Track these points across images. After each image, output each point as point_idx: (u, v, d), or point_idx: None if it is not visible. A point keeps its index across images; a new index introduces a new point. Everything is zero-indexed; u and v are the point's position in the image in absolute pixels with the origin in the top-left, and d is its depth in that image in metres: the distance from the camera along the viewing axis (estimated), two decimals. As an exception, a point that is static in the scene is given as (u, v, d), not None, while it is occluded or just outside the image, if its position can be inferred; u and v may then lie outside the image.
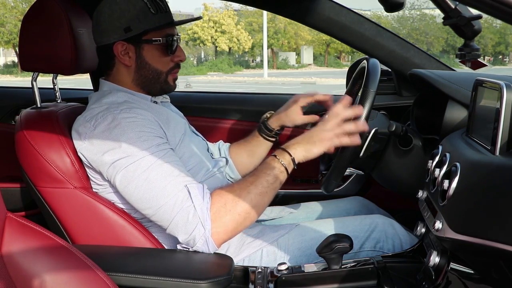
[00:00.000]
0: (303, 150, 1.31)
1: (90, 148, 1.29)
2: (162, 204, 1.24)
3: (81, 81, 3.13)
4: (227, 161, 1.65)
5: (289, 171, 1.31)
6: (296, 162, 1.30)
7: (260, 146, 1.66)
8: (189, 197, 1.23)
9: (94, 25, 1.41)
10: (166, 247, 1.36)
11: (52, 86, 1.66)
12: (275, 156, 1.31)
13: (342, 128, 1.28)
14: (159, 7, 1.38)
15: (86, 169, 1.35)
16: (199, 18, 1.73)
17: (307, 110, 2.12)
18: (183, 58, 1.47)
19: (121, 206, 1.36)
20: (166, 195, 1.23)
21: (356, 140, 1.28)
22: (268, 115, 1.65)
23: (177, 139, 1.41)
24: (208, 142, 1.65)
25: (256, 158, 1.66)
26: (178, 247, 1.28)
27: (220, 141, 1.74)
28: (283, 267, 1.27)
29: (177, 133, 1.42)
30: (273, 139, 1.65)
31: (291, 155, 1.30)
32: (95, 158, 1.29)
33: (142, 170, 1.24)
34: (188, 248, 1.26)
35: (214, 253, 1.25)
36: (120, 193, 1.30)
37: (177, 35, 1.44)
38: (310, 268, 1.28)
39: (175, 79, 1.49)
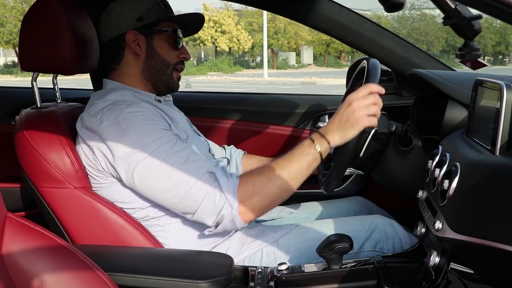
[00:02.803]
0: (340, 135, 1.28)
1: (98, 143, 1.29)
2: (186, 190, 1.24)
3: (81, 81, 3.13)
4: (228, 161, 1.66)
5: (324, 157, 1.30)
6: (334, 147, 1.29)
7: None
8: (215, 179, 1.25)
9: (104, 20, 1.46)
10: (166, 247, 1.36)
11: (52, 86, 1.66)
12: (313, 141, 1.29)
13: (370, 108, 1.27)
14: (166, 5, 1.47)
15: (89, 166, 1.35)
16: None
17: (306, 111, 2.13)
18: (188, 57, 1.53)
19: (123, 205, 1.36)
20: (190, 180, 1.24)
21: (376, 121, 1.28)
22: None
23: (183, 137, 1.41)
24: (209, 142, 1.65)
25: None
26: (206, 232, 1.29)
27: (232, 146, 1.76)
28: (283, 267, 1.27)
29: (181, 132, 1.42)
30: None
31: (329, 143, 1.28)
32: (104, 153, 1.29)
33: (159, 162, 1.25)
34: (214, 229, 1.27)
35: (214, 253, 1.25)
36: (139, 189, 1.29)
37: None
38: (310, 268, 1.28)
39: (179, 78, 1.53)
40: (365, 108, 1.26)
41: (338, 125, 1.28)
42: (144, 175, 1.26)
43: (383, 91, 1.28)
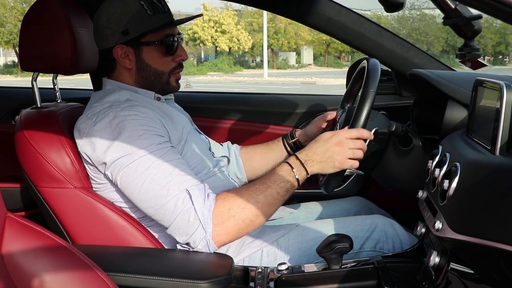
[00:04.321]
0: (320, 168, 1.28)
1: (90, 145, 1.29)
2: (162, 204, 1.23)
3: (81, 81, 3.13)
4: (228, 160, 1.66)
5: (301, 183, 1.29)
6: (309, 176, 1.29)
7: (277, 151, 1.67)
8: (189, 199, 1.23)
9: (94, 29, 1.41)
10: (166, 247, 1.36)
11: (52, 86, 1.66)
12: (292, 168, 1.28)
13: (355, 152, 1.28)
14: (156, 8, 1.37)
15: (87, 167, 1.35)
16: (199, 15, 1.70)
17: (306, 111, 2.12)
18: (184, 57, 1.47)
19: (122, 205, 1.36)
20: (167, 195, 1.23)
21: (357, 165, 1.30)
22: (294, 130, 1.68)
23: (181, 137, 1.41)
24: (210, 140, 1.65)
25: (268, 164, 1.66)
26: (178, 246, 1.28)
27: (228, 141, 1.75)
28: (283, 267, 1.27)
29: (180, 131, 1.42)
30: (291, 150, 1.66)
31: (307, 172, 1.28)
32: (95, 155, 1.29)
33: (143, 169, 1.24)
34: (188, 248, 1.26)
35: (214, 253, 1.25)
36: (122, 192, 1.30)
37: (178, 34, 1.44)
38: (310, 268, 1.28)
39: (178, 79, 1.49)
40: (350, 152, 1.27)
41: (321, 158, 1.28)
42: (125, 178, 1.26)
43: (372, 137, 1.30)
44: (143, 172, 1.24)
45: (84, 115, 1.36)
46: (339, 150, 1.26)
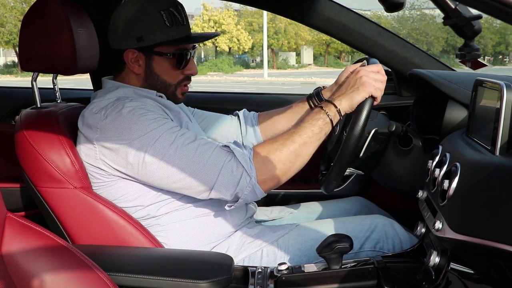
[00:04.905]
0: (348, 99, 1.30)
1: (104, 138, 1.29)
2: (202, 164, 1.24)
3: (81, 81, 3.13)
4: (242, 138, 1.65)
5: (334, 123, 1.32)
6: (343, 113, 1.31)
7: (303, 113, 1.59)
8: (228, 150, 1.26)
9: (110, 27, 1.41)
10: (166, 247, 1.36)
11: (52, 86, 1.66)
12: (322, 107, 1.32)
13: (376, 80, 1.30)
14: (175, 20, 1.36)
15: (92, 166, 1.34)
16: (217, 34, 1.60)
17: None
18: (194, 72, 1.46)
19: (125, 204, 1.36)
20: (203, 154, 1.24)
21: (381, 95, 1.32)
22: (322, 87, 1.62)
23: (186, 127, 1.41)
24: (217, 120, 1.65)
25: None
26: (227, 208, 1.29)
27: (244, 110, 1.71)
28: (283, 267, 1.27)
29: (184, 125, 1.41)
30: None
31: (336, 107, 1.30)
32: (116, 144, 1.27)
33: (170, 142, 1.25)
34: (234, 203, 1.27)
35: (214, 253, 1.25)
36: (152, 178, 1.28)
37: (193, 48, 1.44)
38: (310, 268, 1.28)
39: (184, 92, 1.48)
40: (372, 78, 1.30)
41: (345, 91, 1.32)
42: (156, 157, 1.25)
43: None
44: (171, 145, 1.25)
45: (87, 110, 1.35)
46: (359, 75, 1.31)
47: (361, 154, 1.39)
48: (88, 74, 1.91)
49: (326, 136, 1.33)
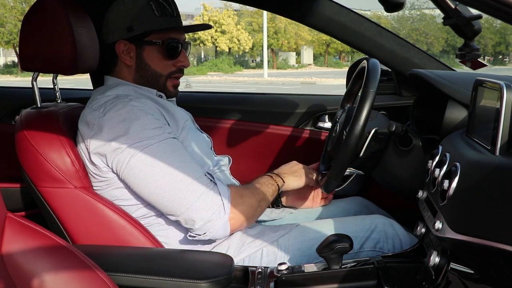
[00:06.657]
0: (290, 180, 1.51)
1: (98, 136, 1.29)
2: (187, 184, 1.25)
3: (81, 81, 3.13)
4: (229, 159, 1.65)
5: (278, 192, 1.48)
6: (281, 189, 1.50)
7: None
8: (211, 180, 1.29)
9: (103, 23, 1.45)
10: (166, 247, 1.36)
11: (52, 86, 1.66)
12: (271, 177, 1.47)
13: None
14: (165, 11, 1.39)
15: (89, 165, 1.34)
16: (208, 26, 1.59)
17: (306, 111, 2.12)
18: (186, 64, 1.47)
19: (124, 203, 1.36)
20: (186, 177, 1.25)
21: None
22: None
23: (182, 134, 1.41)
24: (212, 141, 1.65)
25: None
26: (189, 237, 1.30)
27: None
28: (283, 267, 1.27)
29: (181, 128, 1.42)
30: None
31: (283, 181, 1.49)
32: (104, 145, 1.28)
33: (159, 154, 1.26)
34: (200, 235, 1.28)
35: (214, 252, 1.25)
36: (132, 182, 1.29)
37: (184, 41, 1.45)
38: (310, 268, 1.28)
39: (176, 85, 1.50)
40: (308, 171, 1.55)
41: (290, 173, 1.52)
42: (142, 163, 1.26)
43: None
44: (159, 157, 1.25)
45: (87, 108, 1.37)
46: (302, 167, 1.56)
47: (361, 154, 1.39)
48: (88, 74, 1.91)
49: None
